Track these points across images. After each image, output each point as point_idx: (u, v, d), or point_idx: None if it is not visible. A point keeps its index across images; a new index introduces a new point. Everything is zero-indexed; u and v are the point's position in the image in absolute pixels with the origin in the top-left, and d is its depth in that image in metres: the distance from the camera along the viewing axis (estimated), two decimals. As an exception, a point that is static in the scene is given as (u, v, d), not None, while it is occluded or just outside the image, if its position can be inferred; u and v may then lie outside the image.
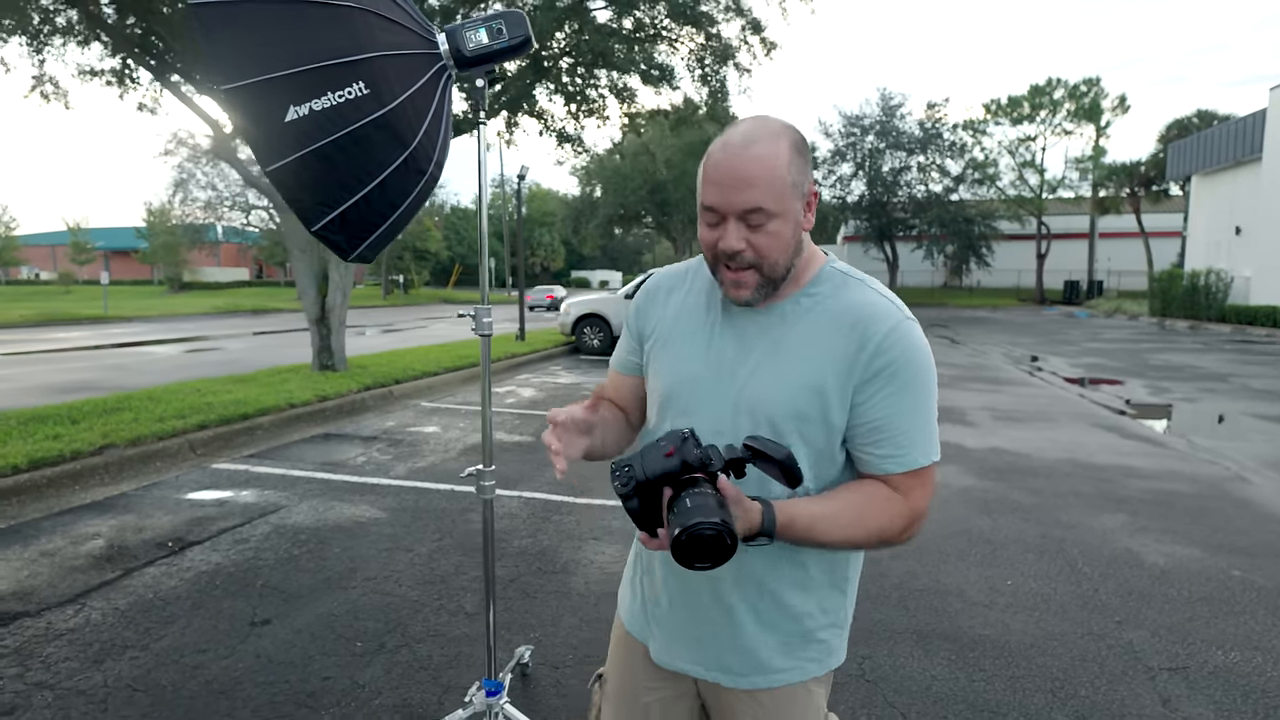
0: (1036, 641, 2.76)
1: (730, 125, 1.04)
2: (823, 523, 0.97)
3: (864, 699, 2.39)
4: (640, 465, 0.89)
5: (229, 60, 1.38)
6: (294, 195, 1.49)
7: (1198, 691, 2.43)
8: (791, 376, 1.01)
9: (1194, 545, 3.76)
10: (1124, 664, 2.60)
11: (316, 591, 3.19)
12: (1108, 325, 21.46)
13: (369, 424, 6.93)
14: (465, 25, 1.68)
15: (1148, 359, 12.59)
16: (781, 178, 0.96)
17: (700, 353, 1.09)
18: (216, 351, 13.29)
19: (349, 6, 1.46)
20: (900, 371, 1.00)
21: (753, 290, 1.02)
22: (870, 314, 1.02)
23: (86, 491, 4.61)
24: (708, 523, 0.82)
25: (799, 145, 1.00)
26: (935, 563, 3.53)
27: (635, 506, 0.91)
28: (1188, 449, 5.99)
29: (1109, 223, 37.27)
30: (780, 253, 1.00)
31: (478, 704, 1.99)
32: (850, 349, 1.00)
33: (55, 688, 2.42)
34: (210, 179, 35.67)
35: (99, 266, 37.93)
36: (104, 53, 8.27)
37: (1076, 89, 35.11)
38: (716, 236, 1.00)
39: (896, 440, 1.01)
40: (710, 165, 0.99)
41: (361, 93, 1.47)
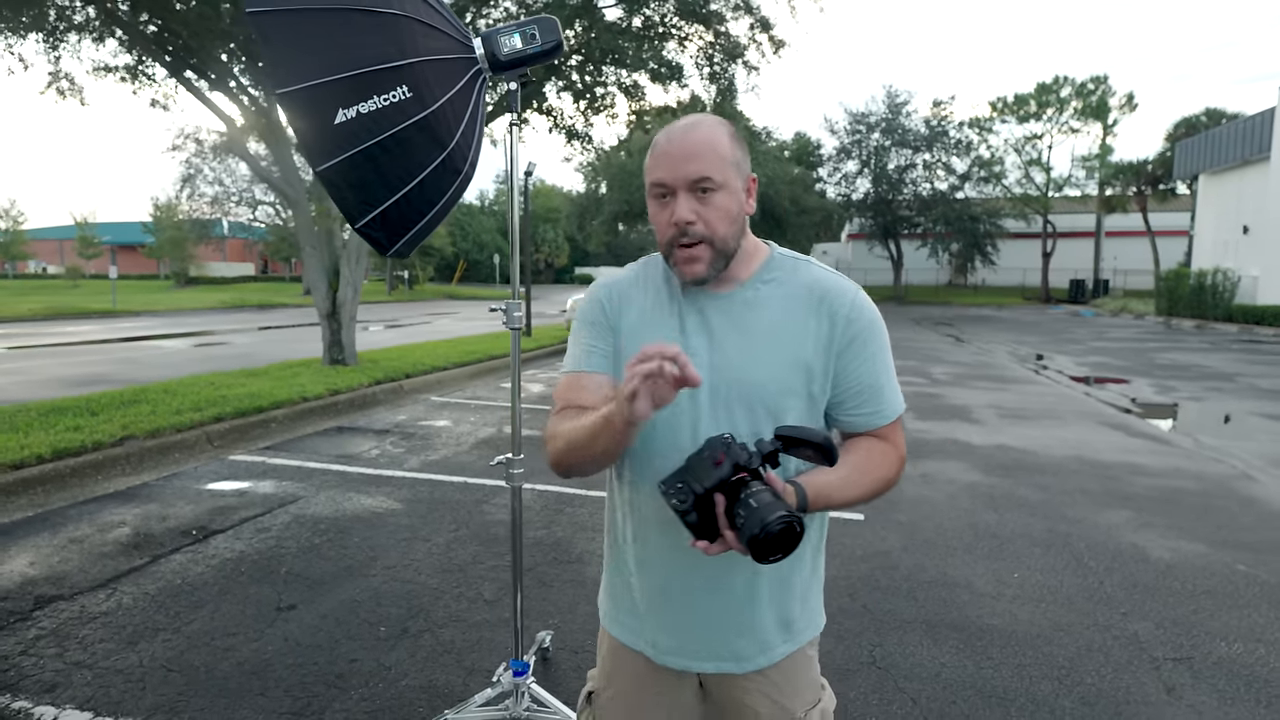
0: (1043, 632, 2.83)
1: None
2: (840, 487, 1.05)
3: (875, 684, 2.46)
4: (694, 479, 0.93)
5: (284, 65, 1.45)
6: (340, 194, 1.57)
7: (1201, 680, 2.49)
8: (773, 356, 1.08)
9: (1199, 541, 3.82)
10: (1129, 654, 2.67)
11: (339, 578, 3.27)
12: (1114, 324, 21.45)
13: (381, 417, 7.01)
14: (500, 30, 1.74)
15: (1154, 358, 12.61)
16: (724, 154, 1.05)
17: None
18: (225, 346, 13.40)
19: (393, 14, 1.53)
20: (870, 337, 1.11)
21: (707, 265, 1.06)
22: (831, 289, 1.11)
23: (109, 481, 4.70)
24: (778, 517, 0.88)
25: (735, 135, 1.10)
26: (943, 556, 3.59)
27: (695, 520, 0.95)
28: (1194, 447, 6.04)
29: (1115, 221, 37.18)
30: (727, 226, 1.06)
31: (505, 683, 2.06)
32: (823, 323, 1.09)
33: (94, 667, 2.51)
34: (217, 174, 35.76)
35: (106, 261, 38.11)
36: (119, 49, 8.36)
37: (1084, 87, 34.98)
38: (669, 212, 1.05)
39: (878, 397, 1.12)
40: (658, 150, 1.08)
41: (405, 96, 1.54)
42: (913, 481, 4.89)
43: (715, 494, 0.93)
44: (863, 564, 3.49)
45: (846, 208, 39.49)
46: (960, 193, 36.54)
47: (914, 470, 5.18)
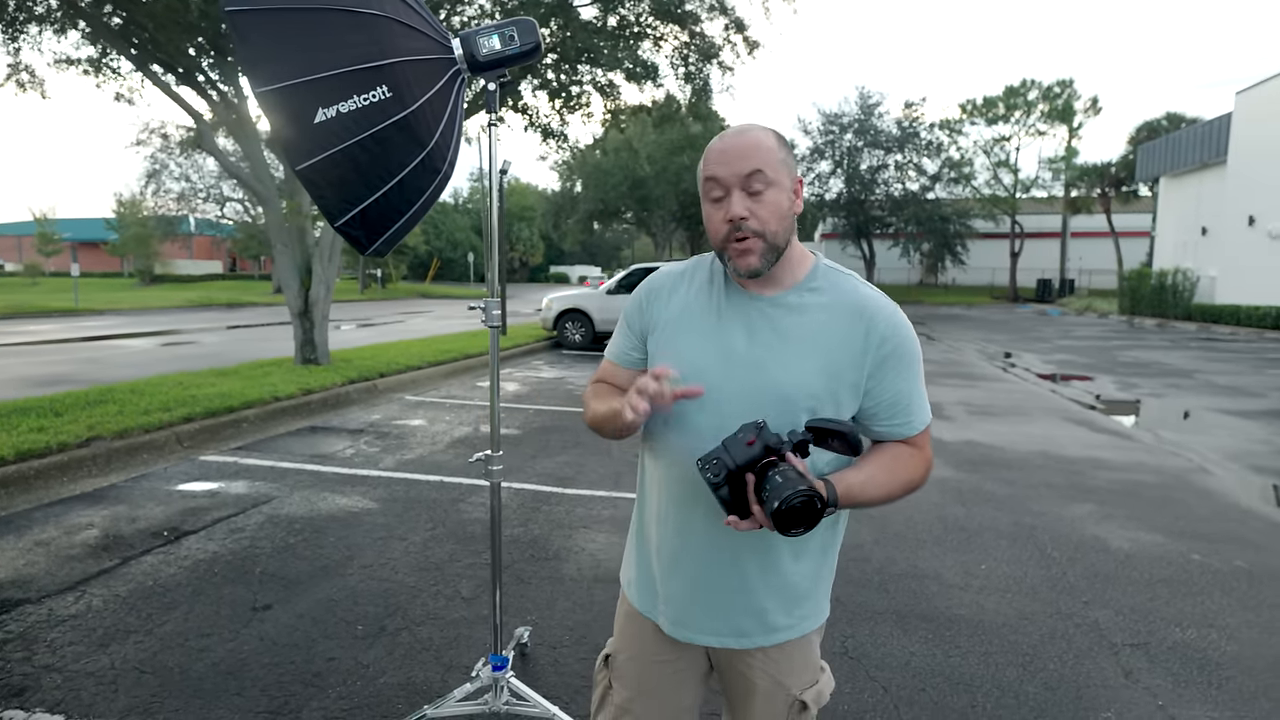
0: (1008, 620, 2.92)
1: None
2: (869, 486, 1.13)
3: (848, 673, 2.52)
4: (728, 456, 1.01)
5: (263, 64, 1.45)
6: (320, 193, 1.57)
7: (1157, 665, 2.60)
8: (805, 361, 1.13)
9: (1157, 532, 3.96)
10: (1090, 640, 2.77)
11: (315, 578, 3.25)
12: (1079, 323, 21.96)
13: (355, 417, 6.95)
14: (479, 31, 1.76)
15: (1117, 356, 12.95)
16: (774, 151, 1.13)
17: (710, 343, 1.17)
18: (193, 345, 13.14)
19: (373, 14, 1.54)
20: (904, 353, 1.18)
21: (759, 257, 1.12)
22: (870, 305, 1.18)
23: (75, 483, 4.61)
24: (799, 492, 0.95)
25: (782, 138, 1.18)
26: (913, 549, 3.68)
27: (726, 495, 1.03)
28: (1154, 442, 6.24)
29: (1080, 222, 38.05)
30: (779, 222, 1.12)
31: (485, 678, 2.08)
32: (858, 336, 1.15)
33: (63, 670, 2.47)
34: (184, 170, 35.06)
35: (67, 258, 37.10)
36: (82, 41, 8.17)
37: (1050, 90, 35.74)
38: (723, 209, 1.12)
39: (910, 410, 1.20)
40: (712, 151, 1.15)
41: (385, 95, 1.56)
42: (884, 477, 4.98)
43: (746, 473, 1.00)
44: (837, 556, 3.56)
45: (820, 207, 39.88)
46: (931, 193, 37.11)
47: (886, 466, 5.27)
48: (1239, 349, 14.25)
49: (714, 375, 1.15)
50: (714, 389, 1.13)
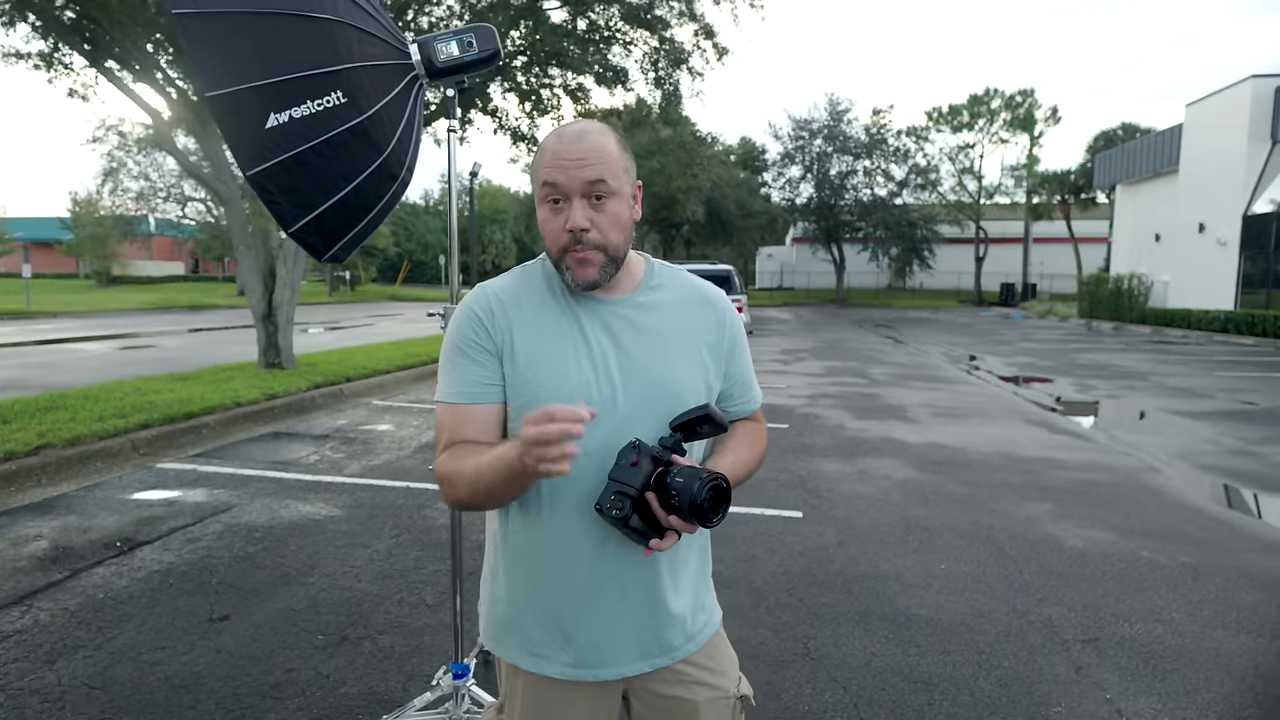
0: (966, 619, 2.98)
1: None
2: (738, 466, 1.16)
3: (809, 675, 2.55)
4: (625, 486, 0.98)
5: (212, 68, 1.43)
6: (273, 198, 1.56)
7: (1106, 660, 2.67)
8: (677, 356, 1.14)
9: (1109, 530, 4.07)
10: (1043, 637, 2.84)
11: (274, 588, 3.20)
12: (1040, 326, 22.50)
13: (320, 422, 6.85)
14: (437, 38, 1.76)
15: (1075, 358, 13.30)
16: (616, 159, 1.07)
17: (581, 355, 1.10)
18: (152, 349, 12.81)
19: (328, 19, 1.53)
20: (741, 335, 1.25)
21: (599, 270, 1.07)
22: (712, 293, 1.23)
23: (23, 493, 4.47)
24: (704, 482, 0.95)
25: (623, 141, 1.12)
26: (876, 550, 3.74)
27: (637, 523, 0.99)
28: (1108, 442, 6.42)
29: (1042, 228, 39.02)
30: (620, 234, 1.08)
31: (445, 686, 2.07)
32: (712, 323, 1.19)
33: (6, 688, 2.40)
34: (143, 168, 34.12)
35: (18, 258, 35.92)
36: (32, 35, 7.92)
37: (1012, 99, 36.63)
38: (563, 218, 1.05)
39: (750, 386, 1.27)
40: (549, 154, 1.06)
41: (339, 101, 1.55)
42: (849, 479, 5.06)
43: (647, 493, 0.99)
44: (800, 559, 3.60)
45: (791, 212, 40.35)
46: (899, 199, 37.79)
47: (851, 468, 5.35)
48: (1190, 351, 14.73)
49: (599, 390, 1.08)
50: (601, 402, 1.07)
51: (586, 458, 1.04)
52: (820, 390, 9.09)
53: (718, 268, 13.36)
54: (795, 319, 25.19)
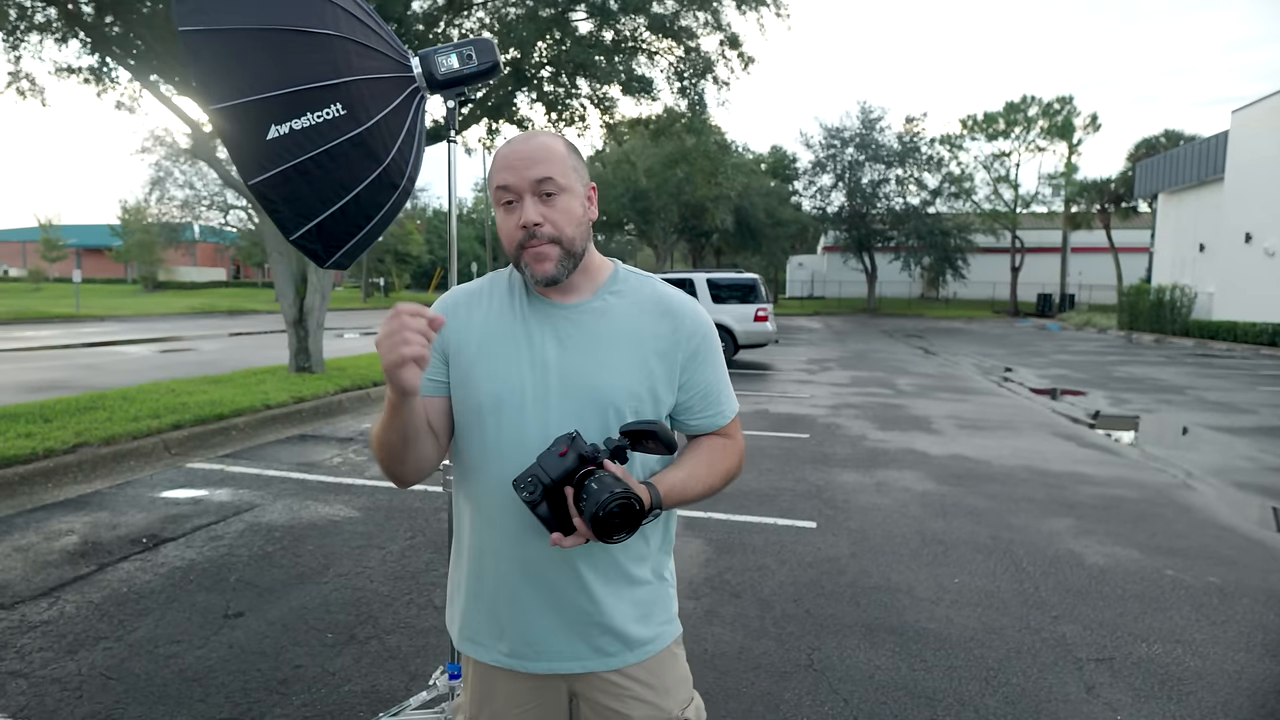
0: (976, 635, 2.93)
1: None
2: (690, 482, 1.13)
3: (810, 686, 2.53)
4: (543, 472, 0.99)
5: (215, 82, 1.49)
6: (274, 207, 1.61)
7: (1120, 680, 2.60)
8: (621, 361, 1.13)
9: (1133, 547, 3.96)
10: (1055, 655, 2.77)
11: (289, 586, 3.27)
12: (1077, 338, 21.97)
13: (345, 425, 6.98)
14: (438, 50, 1.80)
15: (1111, 371, 12.95)
16: (562, 158, 1.11)
17: (523, 357, 1.13)
18: (191, 352, 13.21)
19: (328, 34, 1.58)
20: (710, 346, 1.21)
21: (556, 264, 1.10)
22: (675, 302, 1.20)
23: (60, 489, 4.64)
24: (614, 495, 0.95)
25: (571, 145, 1.16)
26: (889, 562, 3.69)
27: (545, 511, 1.01)
28: (1139, 457, 6.24)
29: (1081, 238, 38.14)
30: (574, 228, 1.11)
31: (441, 686, 2.10)
32: (666, 332, 1.17)
33: (29, 676, 2.49)
34: (188, 177, 35.34)
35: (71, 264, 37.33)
36: (82, 50, 8.27)
37: (1050, 107, 35.91)
38: (516, 215, 1.10)
39: (719, 400, 1.22)
40: (499, 158, 1.12)
41: (339, 113, 1.60)
42: (867, 490, 5.00)
43: (565, 486, 0.99)
44: (810, 570, 3.57)
45: (821, 221, 40.04)
46: (932, 208, 37.27)
47: (870, 479, 5.29)
48: (1234, 365, 14.24)
49: (532, 390, 1.11)
50: (534, 403, 1.11)
51: (523, 453, 1.08)
52: (844, 400, 9.00)
53: (743, 276, 13.29)
54: (825, 328, 24.96)
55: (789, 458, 5.88)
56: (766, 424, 7.26)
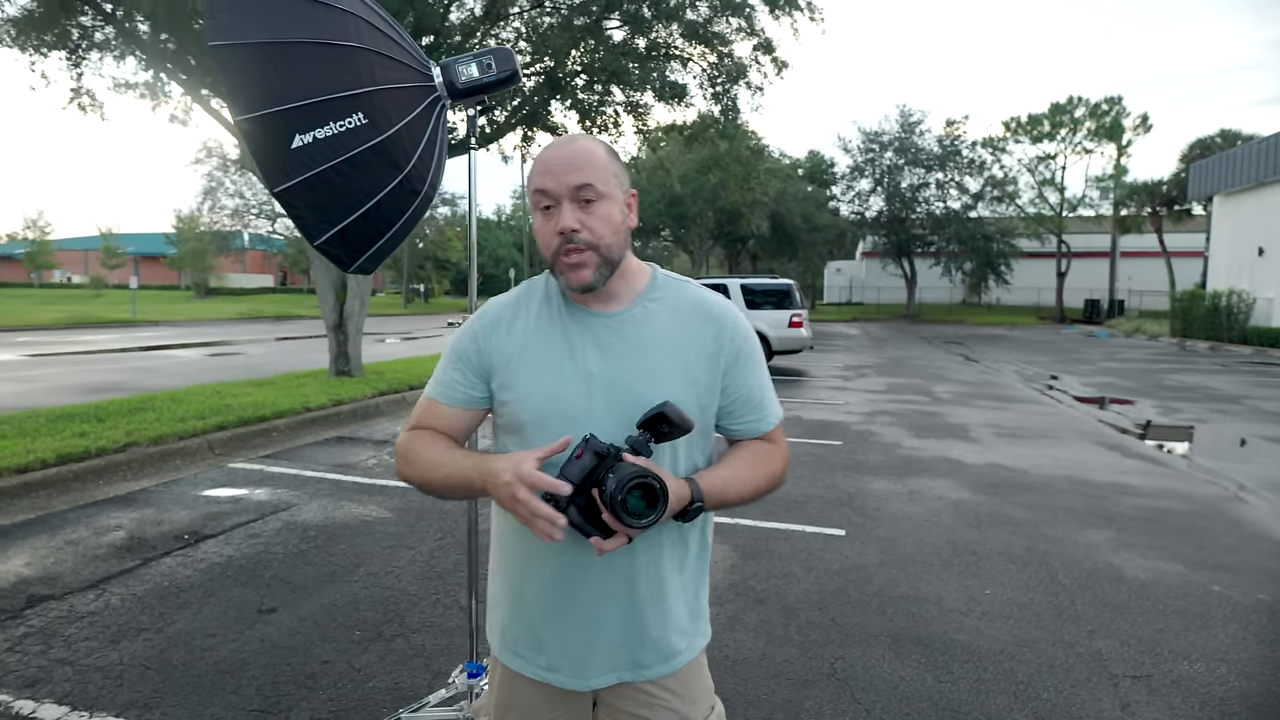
0: (1006, 648, 2.85)
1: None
2: (732, 481, 1.12)
3: (832, 695, 2.50)
4: (568, 478, 0.99)
5: (243, 94, 1.56)
6: (298, 213, 1.67)
7: (1157, 698, 2.51)
8: (665, 369, 1.11)
9: (1177, 561, 3.82)
10: (1089, 670, 2.69)
11: (321, 584, 3.35)
12: (1127, 345, 21.25)
13: (381, 428, 7.13)
14: (458, 60, 1.85)
15: (1162, 379, 12.50)
16: (603, 164, 1.09)
17: (565, 368, 1.12)
18: (238, 356, 13.63)
19: (350, 46, 1.64)
20: (752, 351, 1.19)
21: (593, 271, 1.08)
22: (716, 307, 1.18)
23: (110, 486, 4.84)
24: (630, 475, 0.95)
25: (612, 150, 1.14)
26: (918, 572, 3.62)
27: (576, 516, 1.00)
28: (1187, 468, 6.01)
29: (1131, 242, 36.92)
30: (612, 235, 1.09)
31: (459, 685, 2.13)
32: (709, 338, 1.15)
33: (75, 664, 2.60)
34: (238, 187, 36.60)
35: (129, 271, 38.92)
36: (138, 67, 8.65)
37: (1098, 107, 34.91)
38: (554, 222, 1.08)
39: (762, 405, 1.20)
40: (539, 161, 1.11)
41: (360, 122, 1.65)
42: (899, 498, 4.91)
43: (590, 489, 0.99)
44: (837, 577, 3.53)
45: (860, 226, 39.55)
46: (973, 212, 36.51)
47: (901, 487, 5.20)
48: (1296, 374, 13.62)
49: (576, 402, 1.11)
50: (576, 415, 1.10)
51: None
52: (879, 407, 8.86)
53: (777, 282, 13.20)
54: (862, 334, 24.61)
55: (820, 464, 5.81)
56: (799, 430, 7.19)
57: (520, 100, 9.57)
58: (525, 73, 9.41)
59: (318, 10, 1.60)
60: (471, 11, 9.42)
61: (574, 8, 9.27)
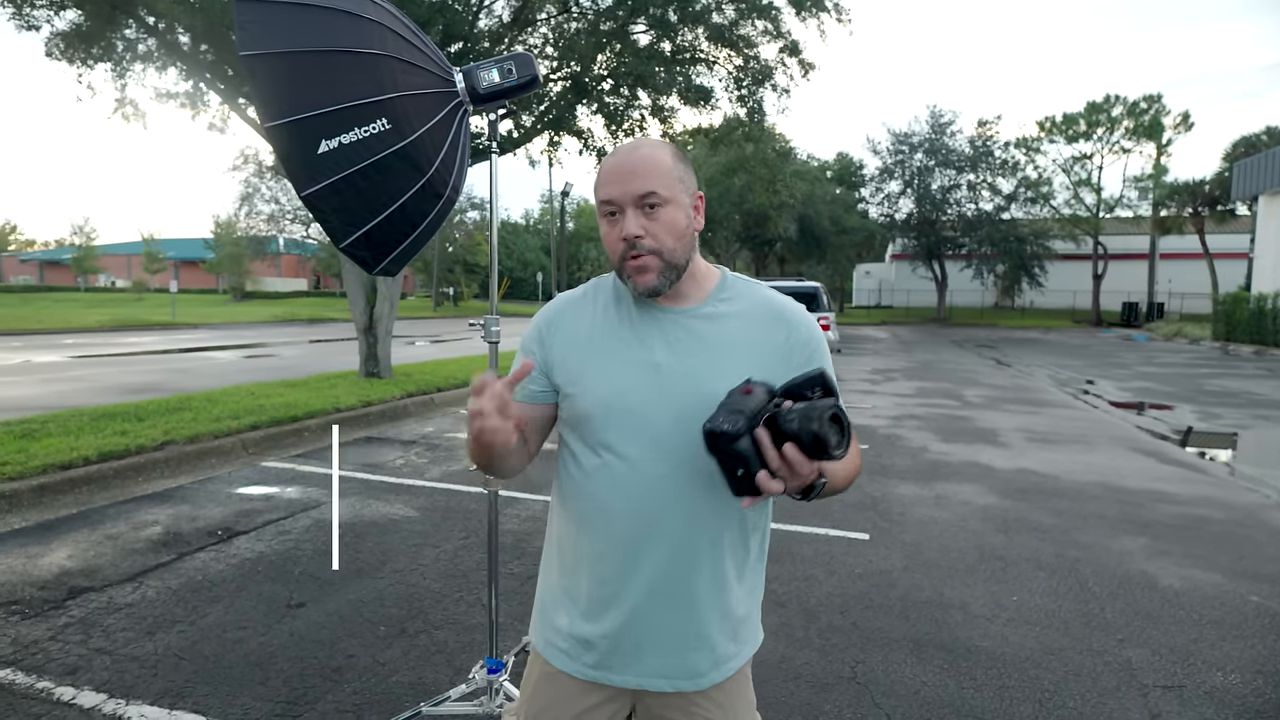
0: (1032, 655, 2.81)
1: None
2: (838, 467, 1.06)
3: (852, 700, 2.48)
4: (738, 409, 0.95)
5: (272, 101, 1.61)
6: (325, 217, 1.72)
7: (1189, 709, 2.45)
8: (736, 369, 1.08)
9: (1214, 570, 3.72)
10: (1118, 679, 2.63)
11: (348, 580, 3.42)
12: (1166, 349, 20.69)
13: (409, 429, 7.24)
14: (480, 66, 1.89)
15: (1202, 384, 12.15)
16: (668, 169, 1.10)
17: (630, 361, 1.13)
18: (272, 358, 13.94)
19: (374, 54, 1.68)
20: (821, 350, 1.18)
21: (657, 275, 1.09)
22: (787, 309, 1.19)
23: (148, 483, 4.99)
24: (830, 408, 0.91)
25: (678, 153, 1.14)
26: (943, 577, 3.57)
27: (748, 445, 0.94)
28: (1227, 476, 5.84)
29: (1171, 243, 35.92)
30: (676, 240, 1.10)
31: (479, 680, 2.16)
32: (780, 338, 1.15)
33: (113, 653, 2.69)
34: (274, 193, 37.37)
35: (169, 275, 40.04)
36: (179, 77, 8.92)
37: (1136, 106, 34.07)
38: (618, 229, 1.09)
39: None
40: (603, 170, 1.12)
41: (384, 128, 1.69)
42: (925, 503, 4.85)
43: (760, 428, 0.94)
44: (860, 581, 3.50)
45: (889, 228, 39.11)
46: (1006, 213, 35.88)
47: (928, 492, 5.13)
48: (1346, 379, 13.13)
49: (640, 394, 1.11)
50: (642, 408, 1.10)
51: (626, 463, 1.10)
52: (907, 411, 8.75)
53: (804, 285, 13.14)
54: (891, 338, 24.32)
55: (845, 468, 5.75)
56: (824, 434, 7.12)
57: (547, 105, 9.67)
58: (552, 78, 9.50)
59: (343, 19, 1.65)
60: (499, 19, 9.55)
61: (600, 13, 9.34)
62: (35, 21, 7.78)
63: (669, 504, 1.11)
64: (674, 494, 1.10)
